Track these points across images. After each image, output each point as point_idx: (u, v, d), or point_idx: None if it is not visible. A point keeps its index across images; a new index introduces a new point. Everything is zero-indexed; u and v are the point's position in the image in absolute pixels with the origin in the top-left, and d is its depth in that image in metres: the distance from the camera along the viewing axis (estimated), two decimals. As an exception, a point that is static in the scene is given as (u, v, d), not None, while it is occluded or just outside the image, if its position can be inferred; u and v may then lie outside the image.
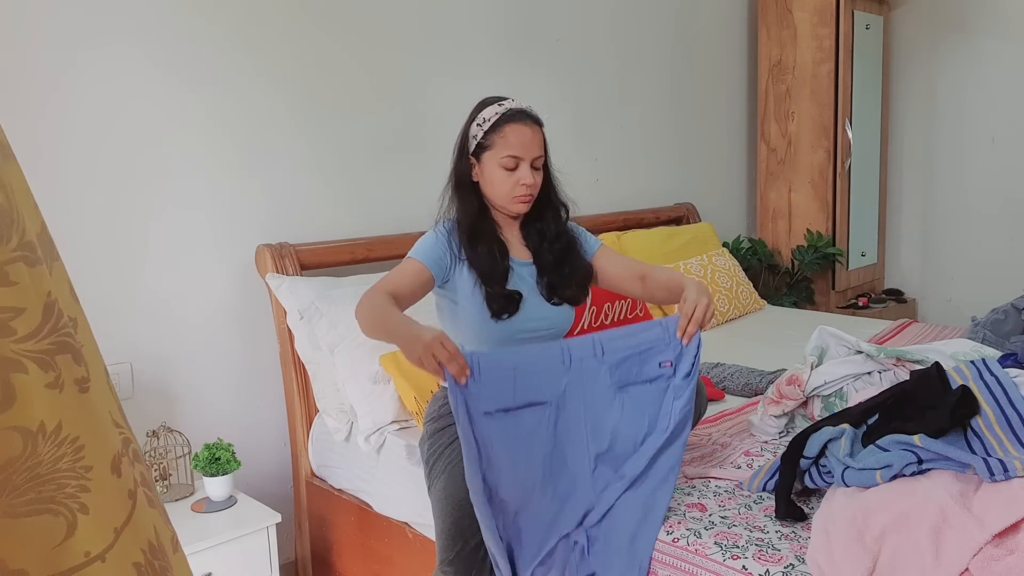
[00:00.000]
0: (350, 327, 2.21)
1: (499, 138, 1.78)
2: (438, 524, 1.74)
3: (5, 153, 0.58)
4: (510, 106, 1.81)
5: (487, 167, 1.79)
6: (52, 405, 0.53)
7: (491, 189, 1.81)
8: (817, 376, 1.92)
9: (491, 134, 1.78)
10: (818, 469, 1.55)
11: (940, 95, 4.21)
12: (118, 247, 2.22)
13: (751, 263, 3.89)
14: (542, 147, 1.82)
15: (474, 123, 1.82)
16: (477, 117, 1.82)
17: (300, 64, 2.53)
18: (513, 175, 1.78)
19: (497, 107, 1.81)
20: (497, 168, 1.78)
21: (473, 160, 1.82)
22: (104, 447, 0.56)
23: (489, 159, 1.79)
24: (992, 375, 1.57)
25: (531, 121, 1.81)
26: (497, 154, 1.78)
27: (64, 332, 0.55)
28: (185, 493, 2.16)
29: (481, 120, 1.80)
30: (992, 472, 1.33)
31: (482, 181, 1.82)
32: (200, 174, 2.35)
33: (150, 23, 2.23)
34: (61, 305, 0.56)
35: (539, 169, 1.82)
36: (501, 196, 1.80)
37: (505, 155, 1.77)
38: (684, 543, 1.50)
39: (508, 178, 1.78)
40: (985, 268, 4.12)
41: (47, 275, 0.56)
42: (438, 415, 1.84)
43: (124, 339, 2.23)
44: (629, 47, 3.58)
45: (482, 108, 1.83)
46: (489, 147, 1.79)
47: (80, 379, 0.56)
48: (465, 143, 1.84)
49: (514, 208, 1.81)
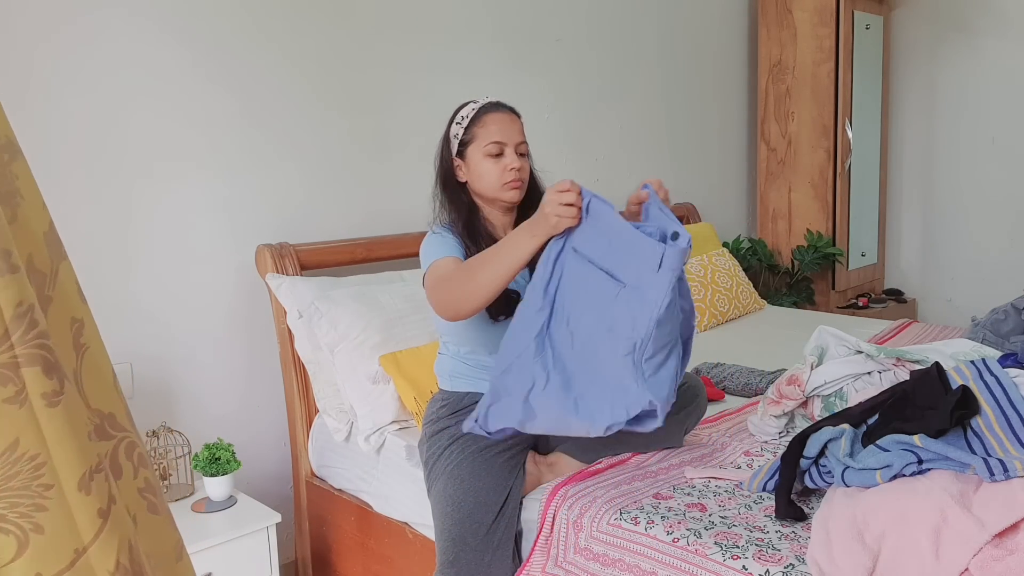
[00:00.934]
0: (350, 327, 2.21)
1: (480, 129, 1.79)
2: (438, 526, 1.74)
3: (13, 150, 0.56)
4: (485, 101, 1.84)
5: (472, 161, 1.80)
6: (8, 421, 0.50)
7: (480, 182, 1.81)
8: (817, 376, 1.92)
9: (471, 128, 1.80)
10: (818, 469, 1.56)
11: (940, 95, 4.21)
12: (118, 247, 2.22)
13: (751, 263, 3.89)
14: (523, 134, 1.83)
15: (453, 123, 1.84)
16: (455, 117, 1.85)
17: (301, 64, 2.53)
18: (500, 161, 1.79)
19: (472, 104, 1.84)
20: (483, 159, 1.79)
21: (457, 160, 1.83)
22: (72, 464, 0.53)
23: (474, 152, 1.80)
24: (992, 375, 1.57)
25: (508, 110, 1.84)
26: (480, 144, 1.79)
27: (35, 344, 0.52)
28: (185, 493, 2.16)
29: (460, 119, 1.83)
30: (992, 472, 1.33)
31: (470, 178, 1.82)
32: (200, 174, 2.35)
33: (151, 22, 2.23)
34: (38, 314, 0.53)
35: (524, 156, 1.83)
36: (491, 186, 1.80)
37: (489, 142, 1.78)
38: (684, 543, 1.50)
39: (495, 165, 1.78)
40: (985, 268, 4.12)
41: (22, 283, 0.53)
42: (437, 417, 1.84)
43: (124, 339, 2.23)
44: (629, 47, 3.58)
45: (458, 110, 1.85)
46: (471, 140, 1.80)
47: (49, 392, 0.52)
48: (447, 146, 1.85)
49: (507, 196, 1.80)
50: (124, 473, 0.58)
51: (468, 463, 1.74)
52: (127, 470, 0.58)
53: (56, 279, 0.61)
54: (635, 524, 1.58)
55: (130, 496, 0.59)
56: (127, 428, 0.58)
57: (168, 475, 2.15)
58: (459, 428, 1.78)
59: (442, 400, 1.87)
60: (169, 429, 2.16)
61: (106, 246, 2.20)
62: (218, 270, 2.41)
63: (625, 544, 1.57)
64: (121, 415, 0.58)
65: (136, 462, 0.58)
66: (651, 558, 1.52)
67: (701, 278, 3.21)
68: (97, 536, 0.53)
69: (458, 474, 1.73)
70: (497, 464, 1.75)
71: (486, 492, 1.71)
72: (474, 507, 1.70)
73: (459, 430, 1.78)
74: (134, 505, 0.59)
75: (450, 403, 1.85)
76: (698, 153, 4.00)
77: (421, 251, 1.82)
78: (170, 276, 2.31)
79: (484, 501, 1.70)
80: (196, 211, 2.35)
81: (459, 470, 1.74)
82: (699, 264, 3.28)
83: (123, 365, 2.23)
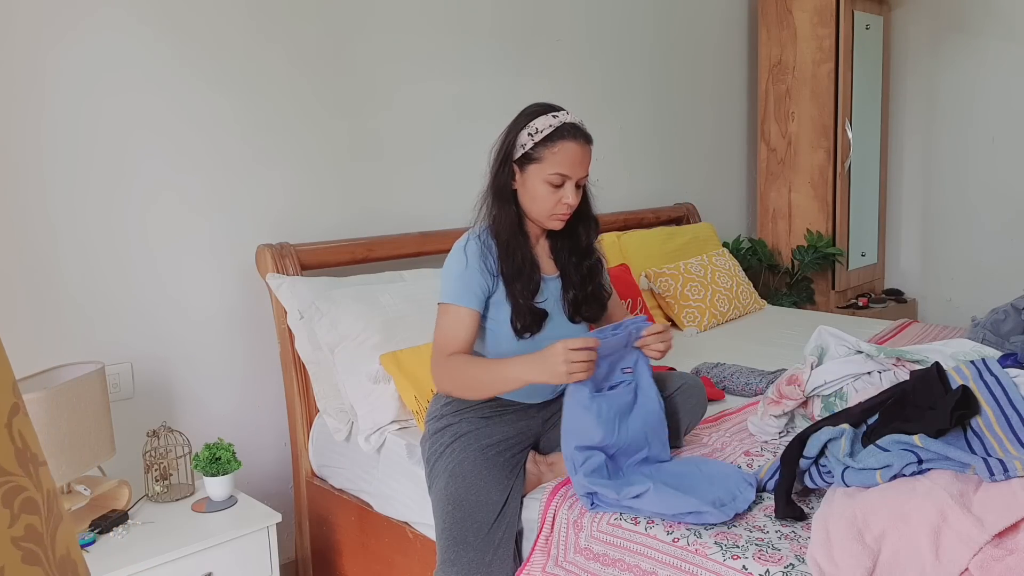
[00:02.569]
0: (350, 327, 2.21)
1: (550, 153, 1.71)
2: (439, 524, 1.74)
3: None
4: (565, 119, 1.74)
5: (531, 179, 1.74)
6: None
7: (530, 202, 1.76)
8: (817, 376, 1.92)
9: (542, 147, 1.72)
10: (818, 469, 1.56)
11: (940, 95, 4.21)
12: (118, 247, 2.22)
13: (751, 263, 3.89)
14: (588, 167, 1.76)
15: (524, 131, 1.74)
16: (528, 125, 1.74)
17: (301, 63, 2.53)
18: (557, 193, 1.72)
19: (551, 118, 1.73)
20: (541, 183, 1.72)
21: (515, 168, 1.76)
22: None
23: (535, 172, 1.73)
24: (992, 375, 1.57)
25: (584, 140, 1.75)
26: (545, 169, 1.72)
27: None
28: (185, 493, 2.17)
29: (533, 130, 1.73)
30: (992, 472, 1.33)
31: (521, 191, 1.76)
32: (201, 174, 2.35)
33: (151, 20, 2.23)
34: None
35: (580, 188, 1.77)
36: (539, 211, 1.76)
37: (553, 172, 1.71)
38: (684, 543, 1.50)
39: (551, 195, 1.73)
40: (985, 268, 4.12)
41: None
42: (440, 414, 1.84)
43: (124, 339, 2.23)
44: (629, 47, 3.58)
45: (533, 116, 1.75)
46: (537, 160, 1.72)
47: None
48: (509, 150, 1.76)
49: (549, 225, 1.78)
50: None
51: (470, 462, 1.74)
52: (2, 518, 0.54)
53: None
54: (635, 524, 1.58)
55: (1, 546, 0.54)
56: (12, 472, 0.53)
57: (168, 475, 2.15)
58: (462, 426, 1.79)
59: (446, 398, 1.87)
60: (169, 429, 2.16)
61: (106, 246, 2.20)
62: (218, 270, 2.41)
63: (625, 544, 1.57)
64: (7, 458, 0.53)
65: (17, 508, 0.53)
66: (651, 558, 1.52)
67: (701, 278, 3.21)
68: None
69: (460, 472, 1.73)
70: (499, 464, 1.75)
71: (487, 491, 1.71)
72: (475, 506, 1.70)
73: (462, 428, 1.78)
74: (4, 556, 0.54)
75: (454, 401, 1.84)
76: (698, 153, 4.00)
77: (448, 259, 1.78)
78: (170, 276, 2.32)
79: (485, 500, 1.70)
80: (196, 211, 2.35)
81: (461, 468, 1.74)
82: (699, 264, 3.28)
83: (123, 365, 2.23)
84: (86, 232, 2.16)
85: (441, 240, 2.74)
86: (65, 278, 2.13)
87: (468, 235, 1.80)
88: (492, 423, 1.81)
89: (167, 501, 2.13)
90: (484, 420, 1.81)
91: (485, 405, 1.82)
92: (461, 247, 1.78)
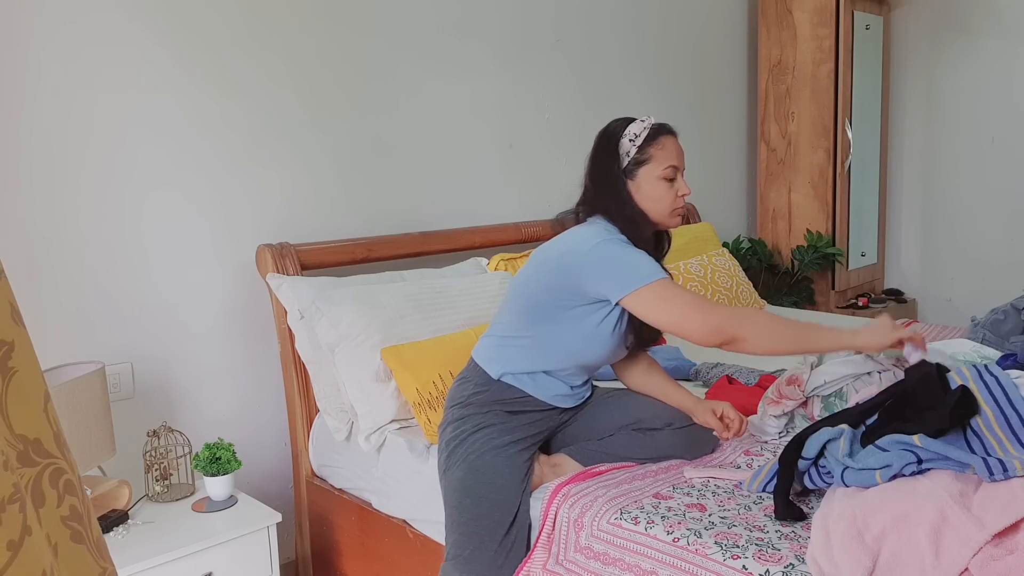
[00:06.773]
0: (351, 327, 2.21)
1: (657, 150, 1.75)
2: (451, 514, 1.72)
3: None
4: (653, 120, 1.79)
5: (644, 182, 1.75)
6: None
7: (651, 204, 1.76)
8: (817, 376, 1.93)
9: (647, 147, 1.75)
10: (817, 469, 1.56)
11: (940, 95, 4.21)
12: (118, 247, 2.22)
13: (751, 263, 3.89)
14: None
15: (623, 140, 1.76)
16: (625, 134, 1.76)
17: (301, 64, 2.53)
18: (673, 187, 1.76)
19: (641, 122, 1.78)
20: (658, 181, 1.75)
21: (624, 179, 1.76)
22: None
23: (647, 173, 1.75)
24: (992, 375, 1.57)
25: (675, 134, 1.81)
26: (657, 167, 1.75)
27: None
28: (186, 493, 2.17)
29: (632, 135, 1.76)
30: (992, 472, 1.34)
31: (638, 197, 1.77)
32: (201, 174, 2.36)
33: (152, 22, 2.23)
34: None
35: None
36: (661, 211, 1.77)
37: (667, 166, 1.75)
38: (684, 543, 1.50)
39: (669, 190, 1.76)
40: (985, 268, 4.12)
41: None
42: (466, 401, 1.79)
43: (125, 339, 2.23)
44: (629, 47, 3.58)
45: (623, 127, 1.78)
46: (646, 161, 1.75)
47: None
48: (612, 164, 1.76)
49: (672, 222, 1.80)
50: (47, 501, 0.56)
51: (491, 455, 1.72)
52: (51, 498, 0.56)
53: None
54: (635, 524, 1.58)
55: (52, 525, 0.56)
56: (55, 454, 0.55)
57: (169, 475, 2.15)
58: (487, 418, 1.76)
59: (481, 385, 1.80)
60: (170, 429, 2.16)
61: (106, 246, 2.20)
62: (219, 270, 2.41)
63: (625, 543, 1.57)
64: (49, 441, 0.55)
65: (62, 489, 0.55)
66: (651, 558, 1.53)
67: (701, 278, 3.21)
68: (5, 570, 0.50)
69: (479, 466, 1.71)
70: (517, 464, 1.74)
71: (505, 491, 1.70)
72: (492, 505, 1.69)
73: (487, 420, 1.75)
74: (56, 534, 0.56)
75: (489, 392, 1.79)
76: (698, 153, 3.99)
77: (605, 251, 1.69)
78: (170, 276, 2.32)
79: (504, 501, 1.70)
80: (197, 211, 2.35)
81: (480, 462, 1.72)
82: (699, 264, 3.28)
83: (124, 365, 2.23)
84: (86, 232, 2.16)
85: (441, 240, 2.74)
86: (65, 278, 2.13)
87: (596, 230, 1.73)
88: (516, 419, 1.79)
89: (167, 501, 2.13)
90: (510, 416, 1.78)
91: (513, 400, 1.79)
92: (608, 238, 1.71)
